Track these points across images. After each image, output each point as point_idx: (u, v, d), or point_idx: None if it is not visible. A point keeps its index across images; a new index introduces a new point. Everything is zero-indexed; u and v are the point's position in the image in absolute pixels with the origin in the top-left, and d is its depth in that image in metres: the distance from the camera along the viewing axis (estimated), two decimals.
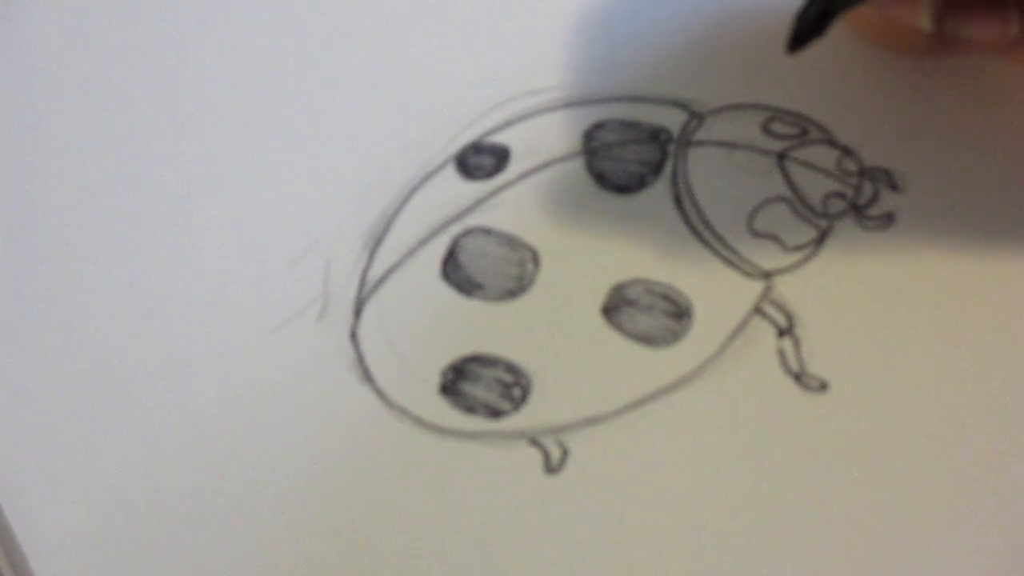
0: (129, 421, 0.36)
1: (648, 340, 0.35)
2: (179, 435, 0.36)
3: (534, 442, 0.35)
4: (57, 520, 0.35)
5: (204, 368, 0.37)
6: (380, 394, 0.36)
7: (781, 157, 0.37)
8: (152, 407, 0.36)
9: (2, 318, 0.38)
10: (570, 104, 0.39)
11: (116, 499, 0.35)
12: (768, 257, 0.36)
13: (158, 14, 0.42)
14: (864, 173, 0.37)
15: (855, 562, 0.32)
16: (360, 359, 0.36)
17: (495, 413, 0.35)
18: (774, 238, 0.36)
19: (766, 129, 0.37)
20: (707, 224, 0.36)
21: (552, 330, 0.36)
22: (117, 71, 0.42)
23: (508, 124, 0.39)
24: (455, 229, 0.37)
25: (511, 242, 0.37)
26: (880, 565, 0.32)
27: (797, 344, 0.35)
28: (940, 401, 0.34)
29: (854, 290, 0.35)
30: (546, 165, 0.38)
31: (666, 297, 0.36)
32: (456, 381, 0.36)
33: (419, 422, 0.35)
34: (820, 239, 0.36)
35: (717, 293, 0.36)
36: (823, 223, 0.36)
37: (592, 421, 0.34)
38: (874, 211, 0.36)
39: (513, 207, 0.37)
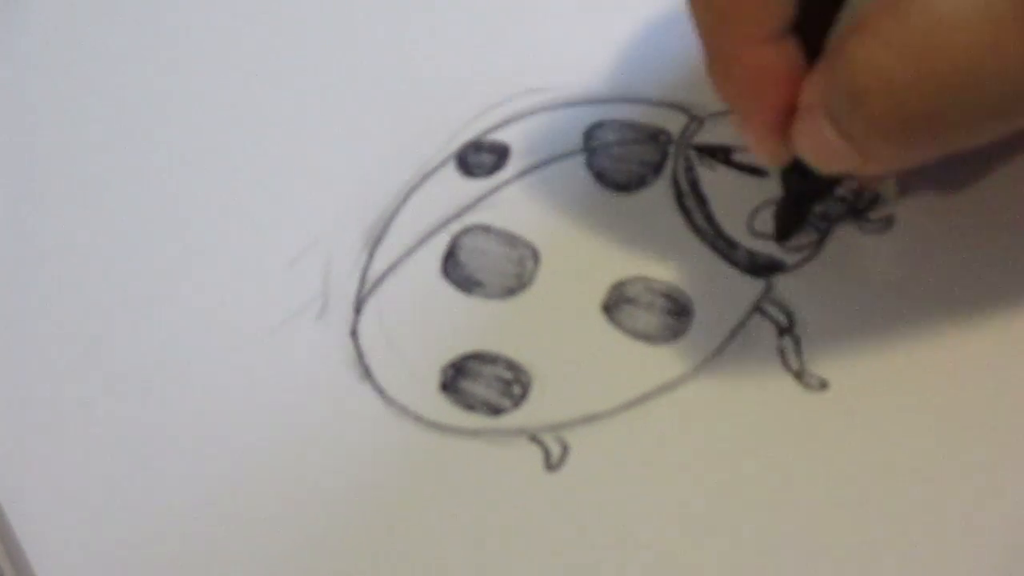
0: (128, 420, 0.36)
1: (648, 338, 0.35)
2: (179, 434, 0.36)
3: (534, 439, 0.34)
4: (57, 519, 0.35)
5: (204, 366, 0.37)
6: (380, 392, 0.36)
7: None
8: (152, 406, 0.36)
9: (1, 318, 0.38)
10: (570, 103, 0.39)
11: (116, 498, 0.35)
12: (768, 257, 0.36)
13: (157, 14, 0.43)
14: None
15: (854, 560, 0.32)
16: (360, 357, 0.36)
17: (495, 410, 0.35)
18: (774, 238, 0.36)
19: None
20: (709, 222, 0.36)
21: (552, 327, 0.36)
22: (115, 70, 0.42)
23: (508, 122, 0.39)
24: (455, 227, 0.37)
25: (511, 240, 0.37)
26: (879, 563, 0.32)
27: (797, 343, 0.35)
28: (939, 400, 0.34)
29: (854, 290, 0.35)
30: (546, 163, 0.38)
31: (666, 295, 0.36)
32: (456, 378, 0.35)
33: (419, 420, 0.35)
34: (820, 241, 0.36)
35: (717, 291, 0.36)
36: (823, 226, 0.36)
37: (592, 418, 0.34)
38: (874, 214, 0.36)
39: (513, 205, 0.37)
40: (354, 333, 0.36)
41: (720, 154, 0.37)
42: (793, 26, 0.30)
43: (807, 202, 0.36)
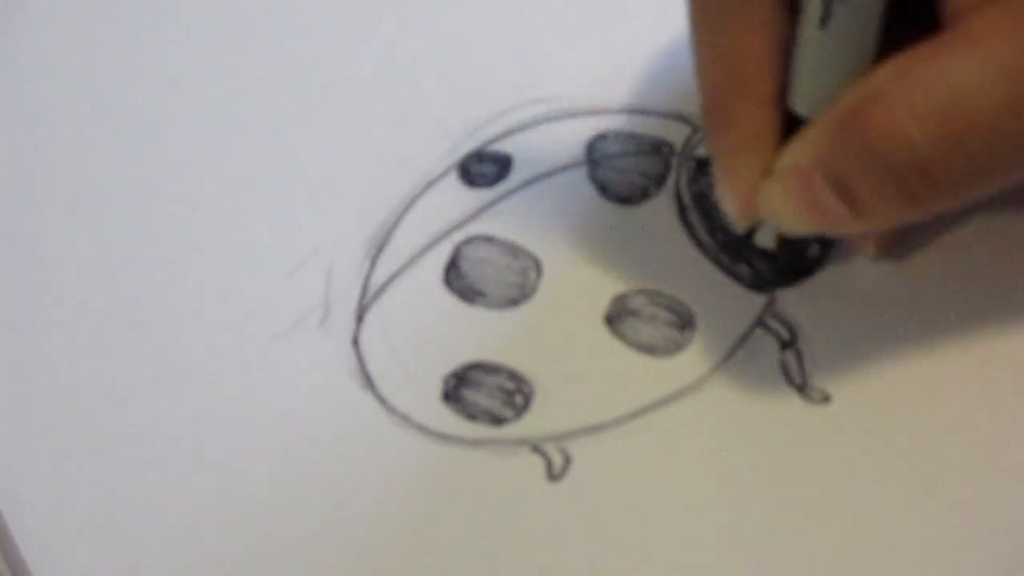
0: (128, 427, 0.36)
1: (651, 350, 0.35)
2: (179, 441, 0.36)
3: (536, 449, 0.34)
4: (56, 524, 0.35)
5: (205, 374, 0.36)
6: (382, 401, 0.35)
7: None
8: (152, 413, 0.36)
9: (2, 324, 0.38)
10: (572, 114, 0.39)
11: (116, 504, 0.35)
12: (771, 271, 0.36)
13: (158, 20, 0.42)
14: None
15: (857, 572, 0.32)
16: (362, 366, 0.36)
17: (497, 420, 0.35)
18: (776, 254, 0.36)
19: None
20: (711, 235, 0.36)
21: (554, 338, 0.36)
22: (117, 78, 0.42)
23: (510, 132, 0.39)
24: (457, 237, 0.37)
25: (513, 250, 0.37)
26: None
27: (800, 356, 0.35)
28: (940, 413, 0.34)
29: (856, 305, 0.35)
30: (548, 174, 0.38)
31: (669, 308, 0.36)
32: (458, 388, 0.35)
33: (421, 429, 0.35)
34: (822, 256, 0.36)
35: (720, 305, 0.36)
36: (826, 239, 0.36)
37: (594, 429, 0.34)
38: None
39: (515, 215, 0.37)
40: (356, 342, 0.36)
41: None
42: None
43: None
